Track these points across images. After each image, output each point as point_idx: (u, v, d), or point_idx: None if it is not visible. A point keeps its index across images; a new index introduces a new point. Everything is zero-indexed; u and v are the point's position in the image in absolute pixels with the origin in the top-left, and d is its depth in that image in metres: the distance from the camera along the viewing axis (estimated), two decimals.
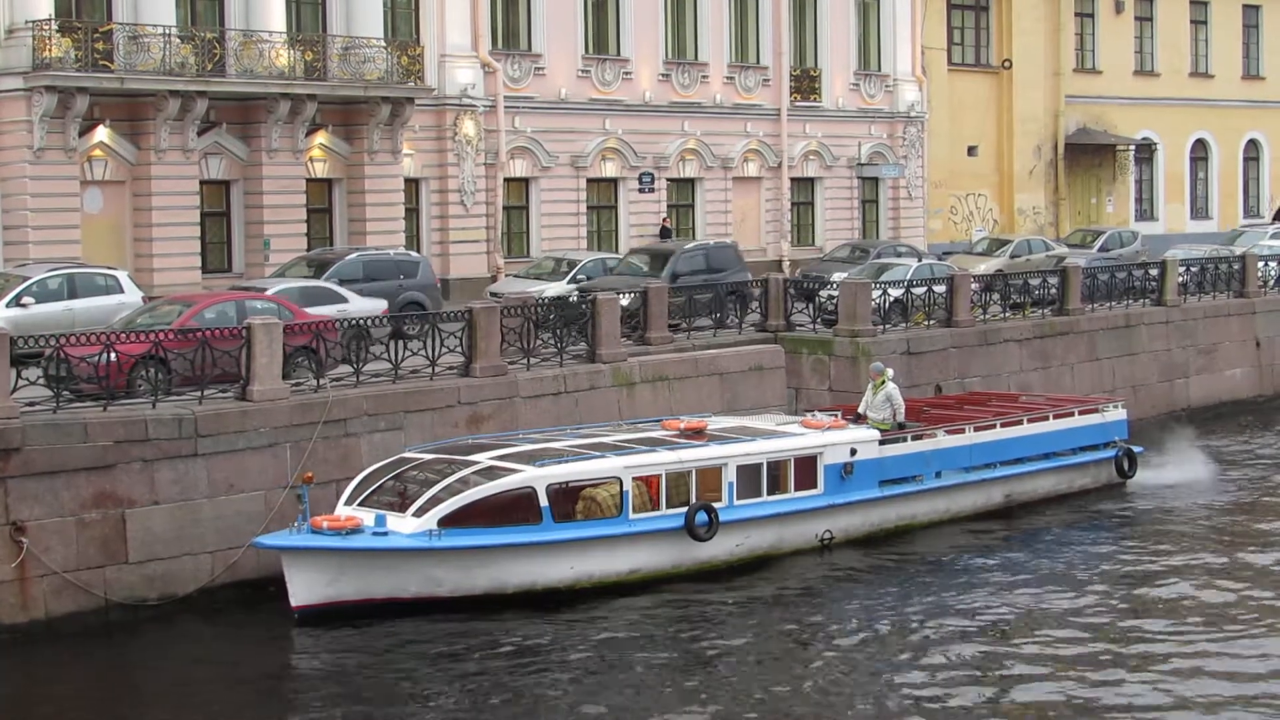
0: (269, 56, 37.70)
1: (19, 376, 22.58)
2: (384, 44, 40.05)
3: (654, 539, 24.79)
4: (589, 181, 46.01)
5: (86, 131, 35.89)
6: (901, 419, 28.41)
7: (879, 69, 53.09)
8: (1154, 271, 40.64)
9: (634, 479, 24.62)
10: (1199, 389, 40.41)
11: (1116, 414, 32.01)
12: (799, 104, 50.56)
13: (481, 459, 24.26)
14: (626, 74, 46.53)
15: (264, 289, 30.31)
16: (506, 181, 43.97)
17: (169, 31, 36.20)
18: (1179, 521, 29.50)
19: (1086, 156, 60.34)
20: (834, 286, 35.12)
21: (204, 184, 37.87)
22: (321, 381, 25.52)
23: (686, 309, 33.07)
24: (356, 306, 30.77)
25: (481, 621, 22.65)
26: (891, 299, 35.11)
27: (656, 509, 24.85)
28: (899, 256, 43.65)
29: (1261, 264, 43.80)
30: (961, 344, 34.98)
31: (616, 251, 43.93)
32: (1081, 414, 31.42)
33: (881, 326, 33.98)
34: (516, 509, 23.63)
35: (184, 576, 23.26)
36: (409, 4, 42.27)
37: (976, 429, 29.35)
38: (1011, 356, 35.99)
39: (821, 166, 51.57)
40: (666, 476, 24.96)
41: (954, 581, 25.25)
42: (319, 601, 22.52)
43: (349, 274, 33.69)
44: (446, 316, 27.80)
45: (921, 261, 41.96)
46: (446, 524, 22.98)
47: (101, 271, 31.56)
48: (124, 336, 24.18)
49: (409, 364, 26.69)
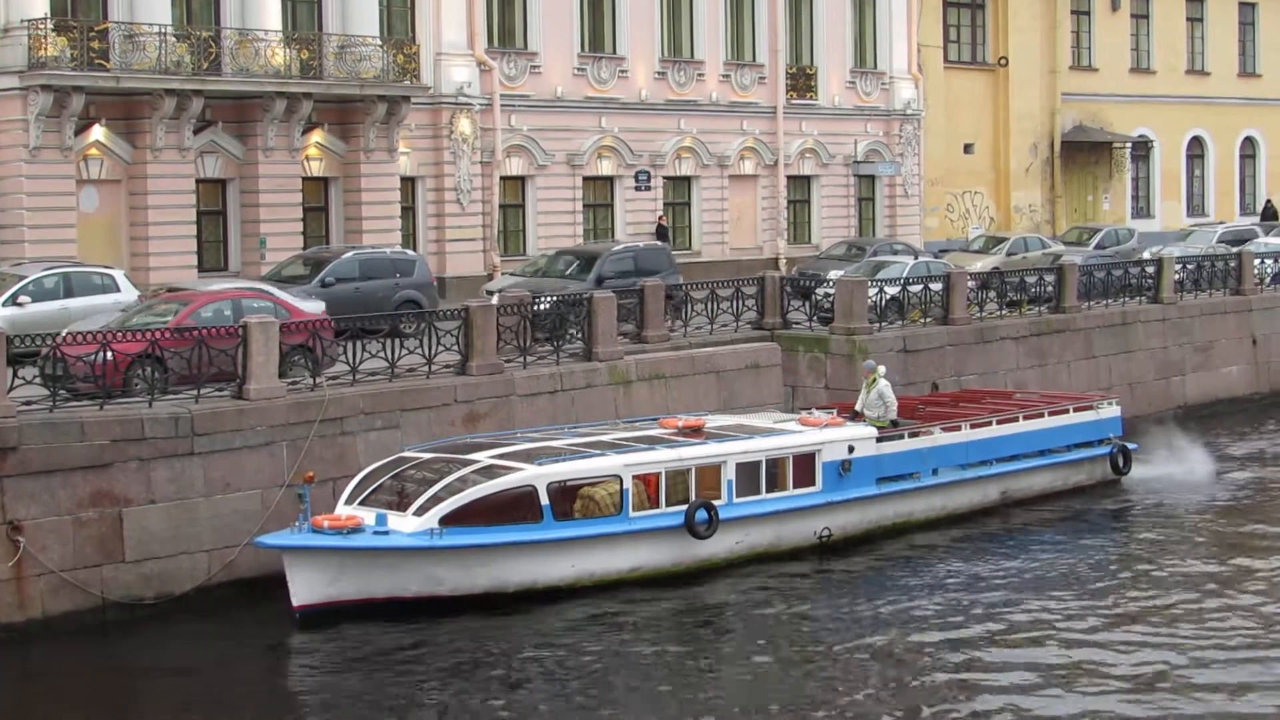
0: (265, 55, 37.65)
1: (15, 375, 22.57)
2: (380, 42, 40.00)
3: (654, 537, 24.80)
4: (585, 180, 45.94)
5: (82, 130, 35.85)
6: (894, 416, 28.45)
7: (875, 67, 53.04)
8: (1150, 269, 40.64)
9: (634, 477, 24.63)
10: (1195, 386, 40.39)
11: (1111, 411, 32.08)
12: (795, 102, 50.51)
13: (481, 458, 24.24)
14: (622, 72, 46.50)
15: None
16: (502, 180, 43.89)
17: (164, 30, 36.16)
18: (1173, 517, 29.57)
19: (1083, 154, 60.32)
20: (830, 284, 35.08)
21: (200, 183, 37.82)
22: (318, 380, 25.50)
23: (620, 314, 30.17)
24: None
25: (482, 620, 22.62)
26: (888, 297, 35.08)
27: (656, 507, 24.87)
28: (895, 254, 43.60)
29: (1258, 261, 43.76)
30: (958, 342, 34.95)
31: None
32: (1076, 411, 31.50)
33: (878, 324, 33.94)
34: (517, 508, 23.63)
35: (181, 575, 23.22)
36: (405, 2, 42.21)
37: (973, 426, 29.43)
38: (1008, 354, 35.99)
39: (818, 164, 51.53)
40: (666, 475, 24.96)
41: (951, 579, 25.30)
42: (320, 601, 22.50)
43: (345, 272, 33.72)
44: (443, 315, 27.75)
45: (918, 259, 42.01)
46: (447, 523, 22.97)
47: (98, 270, 31.56)
48: (120, 335, 24.17)
49: (405, 362, 26.65)
